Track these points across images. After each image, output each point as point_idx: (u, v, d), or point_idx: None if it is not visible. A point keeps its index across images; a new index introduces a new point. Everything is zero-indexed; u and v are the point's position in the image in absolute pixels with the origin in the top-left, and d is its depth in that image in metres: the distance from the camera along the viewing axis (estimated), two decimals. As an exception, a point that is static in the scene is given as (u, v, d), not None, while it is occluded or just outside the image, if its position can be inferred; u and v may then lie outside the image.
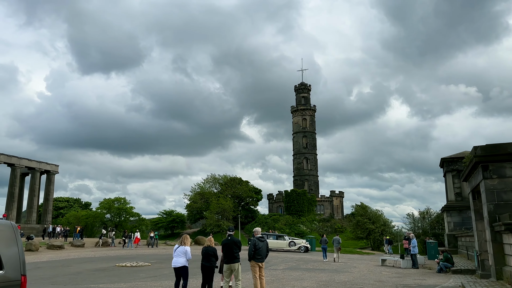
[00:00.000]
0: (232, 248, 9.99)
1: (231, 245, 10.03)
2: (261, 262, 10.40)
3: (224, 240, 10.36)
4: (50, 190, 67.76)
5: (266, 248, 10.52)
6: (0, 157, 59.33)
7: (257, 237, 10.50)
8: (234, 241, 10.11)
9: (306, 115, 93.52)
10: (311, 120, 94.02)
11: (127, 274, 16.34)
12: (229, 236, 10.29)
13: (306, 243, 35.39)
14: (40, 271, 17.51)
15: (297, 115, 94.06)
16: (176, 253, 10.05)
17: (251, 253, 10.31)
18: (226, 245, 10.09)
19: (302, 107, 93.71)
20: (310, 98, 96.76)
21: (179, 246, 10.10)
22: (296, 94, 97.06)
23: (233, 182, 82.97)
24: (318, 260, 25.27)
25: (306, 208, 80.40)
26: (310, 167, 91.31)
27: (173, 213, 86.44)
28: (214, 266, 10.10)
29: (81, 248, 34.17)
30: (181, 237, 10.41)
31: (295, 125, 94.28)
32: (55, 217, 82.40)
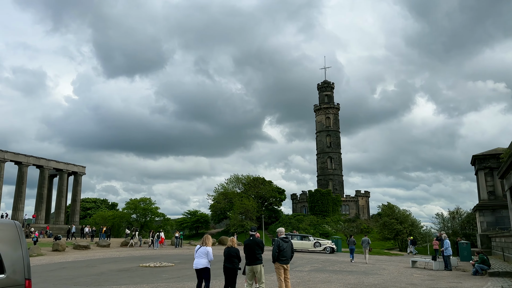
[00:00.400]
0: (254, 249, 9.51)
1: (253, 245, 9.55)
2: (286, 264, 9.87)
3: (246, 240, 9.90)
4: (78, 191, 69.20)
5: (291, 249, 9.99)
6: (29, 159, 60.97)
7: (281, 238, 9.98)
8: (256, 242, 9.63)
9: (330, 113, 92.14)
10: (334, 119, 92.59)
11: (150, 275, 16.12)
12: (251, 236, 9.82)
13: (332, 244, 34.54)
14: (64, 271, 17.54)
15: (320, 114, 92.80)
16: (197, 254, 9.65)
17: (275, 254, 9.81)
18: (248, 246, 9.62)
19: (326, 106, 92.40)
20: (333, 96, 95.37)
21: (200, 247, 9.70)
22: (319, 92, 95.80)
23: (256, 182, 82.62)
24: (345, 262, 24.48)
25: (331, 208, 79.13)
26: (334, 166, 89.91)
27: (197, 213, 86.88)
28: (236, 268, 9.64)
29: (107, 248, 34.47)
30: (202, 237, 9.99)
31: (319, 124, 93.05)
32: (82, 218, 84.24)
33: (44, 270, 18.04)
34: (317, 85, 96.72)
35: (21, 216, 58.00)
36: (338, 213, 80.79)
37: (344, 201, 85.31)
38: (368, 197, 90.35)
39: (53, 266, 19.81)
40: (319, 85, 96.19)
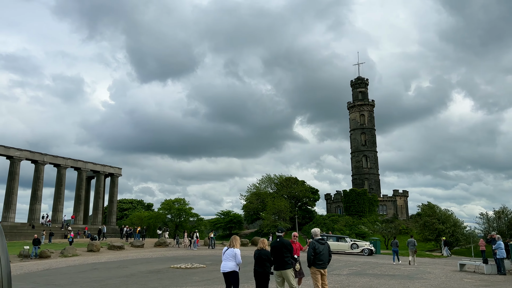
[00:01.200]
0: (281, 252, 8.57)
1: (280, 248, 8.61)
2: (323, 269, 8.87)
3: (272, 242, 8.97)
4: (114, 192, 70.62)
5: (328, 251, 8.98)
6: (68, 162, 62.74)
7: (317, 239, 9.00)
8: (283, 244, 8.67)
9: (364, 110, 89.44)
10: (369, 116, 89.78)
11: (180, 277, 15.52)
12: (278, 237, 8.88)
13: (370, 246, 32.94)
14: (95, 272, 17.28)
15: (354, 111, 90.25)
16: (224, 256, 8.84)
17: (310, 258, 8.83)
18: (274, 249, 8.69)
19: (360, 103, 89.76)
20: (367, 93, 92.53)
21: (228, 249, 8.88)
22: (353, 89, 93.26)
23: (289, 182, 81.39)
24: (386, 264, 23.02)
25: (367, 209, 76.62)
26: (370, 165, 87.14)
27: (231, 214, 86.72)
28: (268, 272, 8.73)
29: (141, 248, 34.50)
30: (230, 238, 9.14)
31: (352, 122, 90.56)
32: (119, 218, 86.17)
33: (75, 271, 17.88)
34: (350, 82, 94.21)
35: (60, 217, 59.76)
36: (375, 213, 78.09)
37: (381, 201, 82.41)
38: (407, 196, 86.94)
39: (85, 267, 19.68)
40: (352, 81, 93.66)
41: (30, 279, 15.14)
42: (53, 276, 16.10)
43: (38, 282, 14.37)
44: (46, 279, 15.06)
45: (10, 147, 54.86)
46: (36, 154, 58.14)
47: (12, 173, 54.58)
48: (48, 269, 18.73)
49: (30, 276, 16.38)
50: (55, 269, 18.61)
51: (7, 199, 53.51)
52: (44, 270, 18.29)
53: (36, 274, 17.01)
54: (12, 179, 54.35)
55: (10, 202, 53.38)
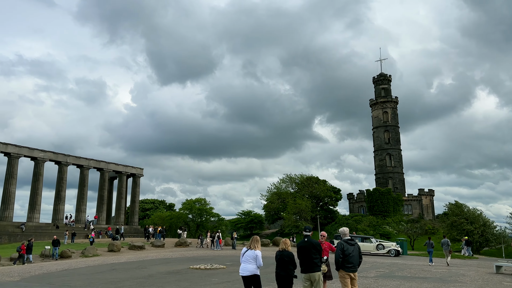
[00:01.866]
0: (310, 253, 7.78)
1: (309, 248, 7.83)
2: (353, 272, 8.04)
3: (299, 242, 8.17)
4: (136, 192, 71.07)
5: (358, 253, 8.14)
6: (90, 162, 63.45)
7: (345, 240, 8.17)
8: (312, 244, 7.89)
9: (387, 107, 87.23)
10: (393, 113, 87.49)
11: (199, 278, 14.90)
12: (305, 237, 8.08)
13: (397, 246, 31.66)
14: (113, 273, 16.87)
15: (377, 109, 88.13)
16: (244, 258, 8.08)
17: (338, 260, 8.01)
18: (302, 249, 7.92)
19: (383, 100, 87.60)
20: (390, 89, 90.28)
21: (247, 250, 8.12)
22: (375, 86, 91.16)
23: (310, 182, 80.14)
24: (415, 266, 21.84)
25: (392, 208, 74.59)
26: (394, 163, 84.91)
27: (251, 214, 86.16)
28: (292, 275, 7.95)
29: (161, 248, 34.22)
30: (250, 239, 8.37)
31: (375, 119, 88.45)
32: (141, 218, 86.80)
33: (93, 272, 17.53)
34: (373, 79, 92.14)
35: (83, 217, 60.45)
36: (400, 213, 75.97)
37: (406, 201, 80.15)
38: (433, 196, 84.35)
39: (104, 267, 19.35)
40: (374, 78, 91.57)
41: (46, 280, 14.83)
42: (70, 276, 15.76)
43: (54, 283, 14.02)
44: (62, 280, 14.71)
45: (34, 149, 55.81)
46: (59, 155, 58.99)
47: (36, 174, 55.51)
48: (67, 270, 18.47)
49: (47, 276, 16.10)
50: (73, 270, 18.34)
51: (32, 199, 54.44)
52: (63, 271, 18.02)
53: (54, 274, 16.73)
54: (37, 180, 55.28)
55: (34, 202, 54.29)
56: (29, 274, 16.79)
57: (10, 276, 16.26)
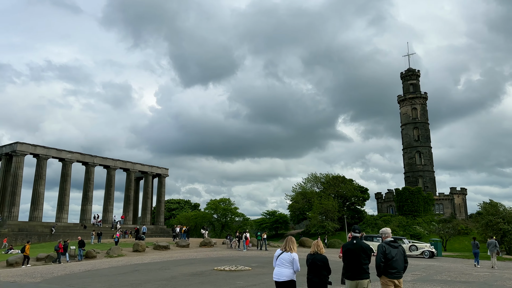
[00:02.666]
0: (358, 257, 6.83)
1: (358, 252, 6.88)
2: (398, 278, 7.02)
3: (346, 244, 7.22)
4: (162, 192, 71.46)
5: (403, 257, 7.12)
6: (116, 163, 64.12)
7: (388, 242, 7.16)
8: (361, 247, 6.94)
9: (416, 104, 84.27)
10: (422, 109, 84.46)
11: (223, 281, 14.14)
12: (354, 239, 7.11)
13: (431, 247, 30.01)
14: (135, 275, 16.33)
15: (406, 105, 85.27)
16: (278, 261, 7.13)
17: (380, 265, 7.01)
18: (349, 253, 6.97)
19: (411, 96, 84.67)
20: (419, 85, 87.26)
21: (282, 252, 7.18)
22: (403, 82, 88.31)
23: (336, 181, 78.34)
24: (453, 269, 20.37)
25: (422, 208, 71.93)
26: (424, 162, 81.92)
27: (276, 214, 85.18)
28: (326, 282, 7.02)
29: (186, 248, 33.79)
30: (285, 240, 7.43)
31: (404, 116, 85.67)
32: (168, 218, 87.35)
33: (116, 273, 17.07)
34: (400, 74, 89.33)
35: (110, 217, 61.14)
36: (431, 213, 73.17)
37: (437, 200, 77.16)
38: (465, 194, 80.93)
39: (127, 268, 18.90)
40: (402, 73, 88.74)
41: (67, 282, 14.41)
42: (91, 278, 15.31)
43: (74, 285, 13.56)
44: (83, 282, 14.26)
45: (62, 150, 56.79)
46: (86, 156, 59.85)
47: (64, 175, 56.48)
48: (90, 270, 18.10)
49: (69, 278, 15.72)
50: (96, 271, 17.95)
51: (60, 200, 55.40)
52: (86, 272, 17.66)
53: (76, 275, 16.36)
54: (65, 181, 56.22)
55: (63, 203, 55.22)
56: (52, 275, 16.49)
57: (33, 277, 15.99)
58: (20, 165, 51.48)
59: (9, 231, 46.83)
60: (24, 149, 51.87)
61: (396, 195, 74.88)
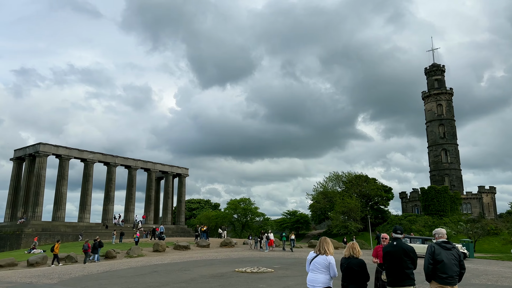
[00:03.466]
0: (400, 261, 5.93)
1: (400, 255, 5.99)
2: (450, 285, 6.03)
3: (387, 247, 6.31)
4: (182, 192, 71.42)
5: (457, 261, 6.11)
6: (137, 163, 64.35)
7: (439, 243, 6.19)
8: (404, 250, 6.03)
9: (442, 99, 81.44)
10: (448, 105, 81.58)
11: (244, 284, 13.33)
12: (394, 240, 6.19)
13: (463, 248, 28.42)
14: (153, 276, 15.70)
15: (431, 101, 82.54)
16: (312, 266, 6.25)
17: (428, 267, 6.05)
18: (390, 256, 6.08)
19: (436, 91, 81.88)
20: (444, 80, 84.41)
21: (317, 255, 6.29)
22: (427, 77, 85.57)
23: (359, 180, 76.52)
24: (490, 271, 19.00)
25: (449, 207, 69.44)
26: (450, 159, 79.10)
27: (297, 214, 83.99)
28: None
29: (206, 248, 33.20)
30: (318, 241, 6.49)
31: (428, 113, 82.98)
32: (188, 218, 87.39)
33: (134, 274, 16.49)
34: (425, 70, 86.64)
35: (132, 217, 61.36)
36: (458, 212, 70.56)
37: (465, 199, 74.37)
38: (494, 193, 77.80)
39: (146, 269, 18.33)
40: (426, 69, 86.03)
41: (83, 283, 13.89)
42: (108, 279, 14.76)
43: (89, 287, 13.01)
44: (99, 284, 13.70)
45: (84, 150, 57.29)
46: (108, 157, 60.24)
47: (86, 175, 56.96)
48: (108, 271, 17.61)
49: (86, 279, 15.23)
50: (114, 272, 17.44)
51: (82, 200, 55.88)
52: (103, 273, 17.17)
53: (93, 277, 15.86)
54: (86, 181, 56.69)
55: (85, 203, 55.68)
56: (69, 276, 16.05)
57: (50, 278, 15.58)
58: (43, 165, 52.11)
59: (32, 231, 47.41)
60: (47, 150, 52.49)
61: (422, 194, 72.56)
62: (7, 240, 48.20)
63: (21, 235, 46.62)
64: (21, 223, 49.31)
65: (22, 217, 50.65)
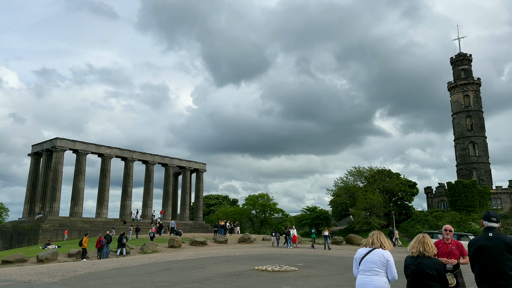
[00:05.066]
0: (498, 257, 4.27)
1: (498, 250, 4.31)
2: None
3: (477, 238, 4.59)
4: (200, 187, 70.34)
5: None
6: (155, 158, 63.52)
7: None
8: (504, 241, 4.36)
9: (469, 90, 77.71)
10: (475, 96, 77.78)
11: (265, 284, 11.68)
12: (488, 230, 4.47)
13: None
14: (164, 274, 14.22)
15: (457, 92, 78.84)
16: (364, 265, 4.56)
17: None
18: (483, 251, 4.40)
19: (463, 82, 78.12)
20: (471, 70, 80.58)
21: (370, 250, 4.60)
22: (453, 67, 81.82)
23: (381, 175, 73.81)
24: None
25: (478, 203, 66.19)
26: (478, 153, 75.42)
27: (317, 210, 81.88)
28: None
29: (224, 244, 31.74)
30: (370, 234, 4.80)
31: (455, 104, 79.35)
32: (206, 214, 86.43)
33: (144, 272, 15.06)
34: (450, 59, 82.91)
35: (150, 212, 60.59)
36: (487, 208, 67.22)
37: (494, 194, 70.86)
38: (525, 188, 73.95)
39: (158, 266, 16.90)
40: (452, 58, 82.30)
41: (85, 282, 12.50)
42: (114, 278, 13.35)
43: (90, 286, 11.59)
44: (102, 282, 12.29)
45: (101, 145, 56.69)
46: (125, 152, 59.52)
47: (103, 170, 56.36)
48: (117, 269, 16.25)
49: (90, 277, 13.87)
50: (123, 269, 16.06)
51: (100, 195, 55.31)
52: (111, 270, 15.81)
53: (98, 275, 14.49)
54: (104, 176, 56.09)
55: (102, 198, 55.09)
56: (74, 274, 14.75)
57: (52, 276, 14.29)
58: (60, 160, 51.66)
59: (50, 227, 47.00)
60: (64, 145, 52.02)
61: (449, 189, 69.41)
62: (25, 235, 47.97)
63: (38, 230, 46.26)
64: (38, 218, 49.02)
65: (39, 213, 50.37)
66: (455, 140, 79.40)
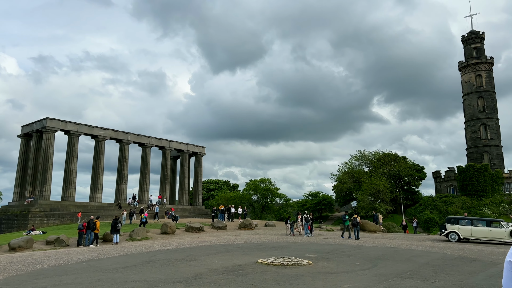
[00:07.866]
0: None
1: None
2: None
3: None
4: (199, 171, 67.63)
5: None
6: (152, 140, 60.62)
7: None
8: None
9: (481, 70, 74.01)
10: (488, 76, 74.13)
11: (275, 286, 8.80)
12: None
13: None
14: (145, 269, 11.35)
15: (468, 72, 75.12)
16: None
17: None
18: None
19: (475, 61, 74.32)
20: (484, 49, 76.74)
21: None
22: (465, 46, 77.88)
23: (388, 159, 70.92)
24: None
25: (489, 187, 63.40)
26: (490, 135, 72.19)
27: (320, 195, 79.30)
28: None
29: (223, 231, 28.99)
30: None
31: (466, 84, 75.75)
32: (206, 199, 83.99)
33: (121, 265, 12.20)
34: (462, 37, 78.99)
35: (146, 197, 57.97)
36: (500, 193, 64.39)
37: (507, 178, 67.94)
38: (539, 172, 70.96)
39: (141, 257, 14.08)
40: (464, 36, 78.37)
41: (31, 283, 9.59)
42: (78, 274, 10.48)
43: (39, 287, 8.71)
44: (57, 282, 9.38)
45: (94, 126, 53.74)
46: (120, 133, 56.61)
47: (97, 153, 53.52)
48: (89, 261, 13.43)
49: (47, 274, 11.00)
50: (97, 261, 13.23)
51: (94, 179, 52.58)
52: (83, 262, 12.99)
53: (62, 269, 11.63)
54: (98, 159, 53.25)
55: (96, 182, 52.37)
56: (33, 267, 11.92)
57: (5, 270, 11.42)
58: (51, 142, 48.78)
59: (40, 211, 44.39)
60: (54, 125, 49.06)
61: (459, 173, 66.46)
62: (14, 220, 45.42)
63: (28, 215, 43.65)
64: (28, 202, 46.39)
65: (29, 197, 47.73)
66: (465, 122, 76.03)
